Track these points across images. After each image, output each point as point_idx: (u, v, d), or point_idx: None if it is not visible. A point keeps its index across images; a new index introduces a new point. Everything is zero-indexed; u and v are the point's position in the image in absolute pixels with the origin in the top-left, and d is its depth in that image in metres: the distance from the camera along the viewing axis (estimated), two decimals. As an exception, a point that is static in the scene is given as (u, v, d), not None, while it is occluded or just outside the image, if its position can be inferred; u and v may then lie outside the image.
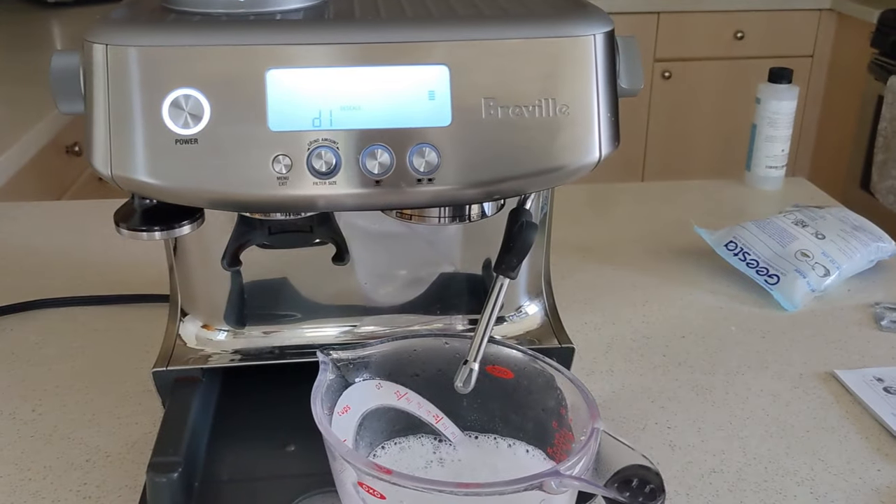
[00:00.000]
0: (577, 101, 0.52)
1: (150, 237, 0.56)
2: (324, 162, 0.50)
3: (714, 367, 0.80)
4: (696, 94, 2.74)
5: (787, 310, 0.89)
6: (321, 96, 0.50)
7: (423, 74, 0.50)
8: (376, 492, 0.48)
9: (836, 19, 2.71)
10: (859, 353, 0.82)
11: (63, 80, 0.50)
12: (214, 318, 0.69)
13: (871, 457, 0.68)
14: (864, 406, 0.74)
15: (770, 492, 0.64)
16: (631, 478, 0.48)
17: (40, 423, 0.71)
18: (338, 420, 0.55)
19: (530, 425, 0.58)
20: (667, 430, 0.71)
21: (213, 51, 0.49)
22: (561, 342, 0.70)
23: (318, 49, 0.50)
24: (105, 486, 0.64)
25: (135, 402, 0.74)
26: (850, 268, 0.93)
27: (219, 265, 0.64)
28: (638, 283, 0.95)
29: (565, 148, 0.52)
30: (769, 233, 0.95)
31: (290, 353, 0.68)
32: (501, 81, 0.51)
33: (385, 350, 0.58)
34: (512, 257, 0.58)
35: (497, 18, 0.52)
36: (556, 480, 0.46)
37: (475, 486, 0.46)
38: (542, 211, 0.68)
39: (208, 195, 0.50)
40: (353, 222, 0.65)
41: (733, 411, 0.73)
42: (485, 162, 0.51)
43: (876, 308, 0.89)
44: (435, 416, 0.59)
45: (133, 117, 0.49)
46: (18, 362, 0.79)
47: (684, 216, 1.07)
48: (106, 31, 0.49)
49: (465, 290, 0.71)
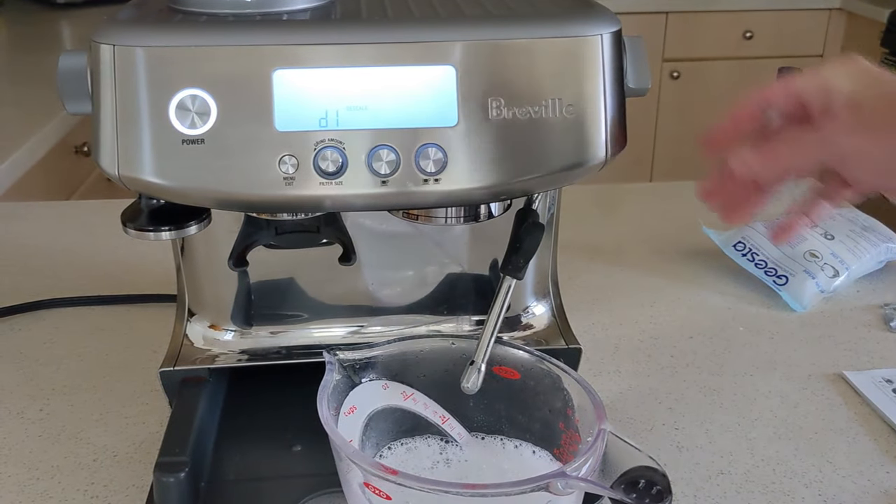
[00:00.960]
0: (584, 102, 0.52)
1: (156, 237, 0.56)
2: (330, 162, 0.50)
3: (722, 368, 0.79)
4: (704, 94, 2.73)
5: (796, 311, 0.89)
6: (328, 96, 0.50)
7: (429, 74, 0.50)
8: (382, 492, 0.48)
9: (846, 19, 2.69)
10: (868, 354, 0.82)
11: (70, 81, 0.50)
12: (221, 319, 0.69)
13: (879, 459, 0.68)
14: (872, 408, 0.73)
15: (778, 493, 0.64)
16: (637, 479, 0.48)
17: (48, 422, 0.71)
18: (344, 420, 0.55)
19: (537, 426, 0.58)
20: (674, 432, 0.71)
21: (219, 51, 0.49)
22: (568, 343, 0.69)
23: (325, 49, 0.50)
24: (112, 486, 0.64)
25: (142, 401, 0.74)
26: (860, 269, 0.92)
27: (226, 265, 0.64)
28: (645, 284, 0.95)
29: (572, 148, 0.52)
30: (778, 233, 0.95)
31: (296, 353, 0.68)
32: (508, 81, 0.51)
33: (391, 350, 0.58)
34: (519, 258, 0.58)
35: (504, 18, 0.52)
36: (563, 481, 0.46)
37: (481, 487, 0.46)
38: (550, 211, 0.68)
39: (215, 195, 0.51)
40: (360, 222, 0.65)
41: (741, 412, 0.73)
42: (491, 162, 0.51)
43: (885, 309, 0.89)
44: (441, 417, 0.58)
45: (140, 117, 0.49)
46: (27, 361, 0.80)
47: (692, 216, 1.06)
48: (113, 32, 0.49)
49: (471, 291, 0.71)
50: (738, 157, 0.53)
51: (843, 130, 0.50)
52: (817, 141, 0.51)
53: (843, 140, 0.50)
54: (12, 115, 1.53)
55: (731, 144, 0.54)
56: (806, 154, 0.52)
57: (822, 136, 0.50)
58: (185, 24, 0.50)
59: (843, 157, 0.50)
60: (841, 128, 0.50)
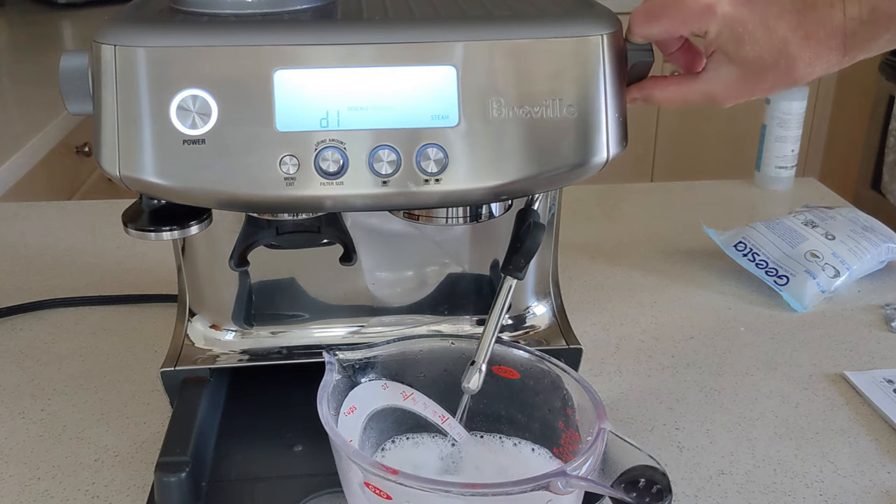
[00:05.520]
0: (584, 101, 0.52)
1: (157, 237, 0.56)
2: (331, 162, 0.50)
3: (723, 369, 0.79)
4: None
5: (797, 311, 0.89)
6: (328, 97, 0.50)
7: (430, 75, 0.50)
8: (382, 492, 0.48)
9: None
10: (869, 354, 0.81)
11: (72, 81, 0.50)
12: (222, 319, 0.69)
13: (880, 459, 0.67)
14: (873, 408, 0.73)
15: (779, 493, 0.64)
16: (638, 478, 0.48)
17: (50, 422, 0.71)
18: (344, 420, 0.55)
19: (537, 425, 0.58)
20: (675, 432, 0.71)
21: (220, 51, 0.49)
22: (569, 343, 0.69)
23: (326, 49, 0.50)
24: (113, 486, 0.64)
25: (143, 401, 0.74)
26: (861, 269, 0.92)
27: (227, 265, 0.64)
28: (646, 284, 0.95)
29: (573, 148, 0.52)
30: (779, 233, 0.95)
31: (297, 353, 0.69)
32: (509, 81, 0.51)
33: (391, 350, 0.58)
34: (519, 258, 0.58)
35: (505, 18, 0.52)
36: (563, 481, 0.46)
37: (481, 487, 0.46)
38: (550, 211, 0.68)
39: (216, 195, 0.51)
40: (361, 223, 0.65)
41: (742, 413, 0.73)
42: (492, 162, 0.51)
43: (886, 309, 0.89)
44: (441, 417, 0.59)
45: (141, 118, 0.49)
46: (28, 361, 0.80)
47: (693, 217, 1.06)
48: (114, 32, 0.49)
49: (472, 291, 0.71)
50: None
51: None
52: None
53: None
54: (14, 116, 1.53)
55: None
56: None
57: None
58: (187, 25, 0.50)
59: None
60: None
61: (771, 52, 0.52)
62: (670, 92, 0.57)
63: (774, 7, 0.51)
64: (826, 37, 0.52)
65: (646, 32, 0.55)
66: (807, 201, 1.12)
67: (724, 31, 0.52)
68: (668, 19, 0.54)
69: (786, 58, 0.52)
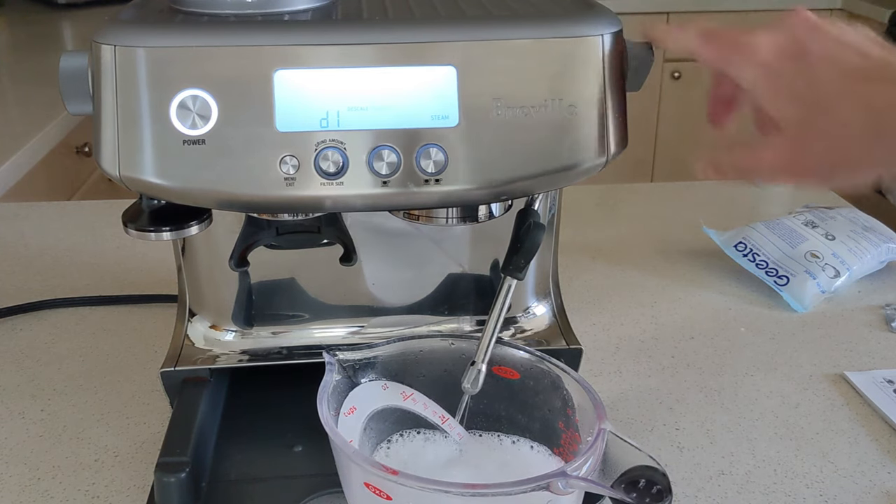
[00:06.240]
0: (584, 102, 0.52)
1: (157, 237, 0.56)
2: (331, 162, 0.50)
3: (723, 369, 0.79)
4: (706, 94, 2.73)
5: (797, 311, 0.89)
6: (328, 97, 0.50)
7: (430, 75, 0.50)
8: (383, 492, 0.48)
9: (847, 19, 2.69)
10: (869, 354, 0.81)
11: (72, 81, 0.50)
12: (222, 319, 0.69)
13: (881, 459, 0.67)
14: (873, 408, 0.73)
15: (779, 494, 0.64)
16: (638, 478, 0.48)
17: (50, 422, 0.71)
18: (344, 421, 0.55)
19: (537, 426, 0.58)
20: (675, 432, 0.71)
21: (220, 51, 0.49)
22: (569, 343, 0.69)
23: (326, 50, 0.50)
24: (113, 486, 0.64)
25: (143, 401, 0.74)
26: (861, 269, 0.92)
27: (227, 266, 0.64)
28: (646, 284, 0.95)
29: (573, 148, 0.52)
30: (779, 234, 0.95)
31: (297, 353, 0.68)
32: (509, 82, 0.51)
33: (391, 351, 0.58)
34: (520, 258, 0.58)
35: (505, 19, 0.52)
36: (563, 481, 0.46)
37: (482, 487, 0.46)
38: (550, 212, 0.68)
39: (216, 196, 0.51)
40: (361, 223, 0.65)
41: (742, 413, 0.73)
42: (492, 162, 0.51)
43: (886, 309, 0.89)
44: (441, 417, 0.58)
45: (141, 118, 0.49)
46: (28, 362, 0.80)
47: (693, 217, 1.06)
48: (114, 32, 0.49)
49: (472, 291, 0.71)
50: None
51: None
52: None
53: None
54: (14, 116, 1.53)
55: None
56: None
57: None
58: (187, 25, 0.50)
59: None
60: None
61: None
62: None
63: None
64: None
65: (689, 48, 0.53)
66: (807, 201, 1.12)
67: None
68: (717, 47, 0.53)
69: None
